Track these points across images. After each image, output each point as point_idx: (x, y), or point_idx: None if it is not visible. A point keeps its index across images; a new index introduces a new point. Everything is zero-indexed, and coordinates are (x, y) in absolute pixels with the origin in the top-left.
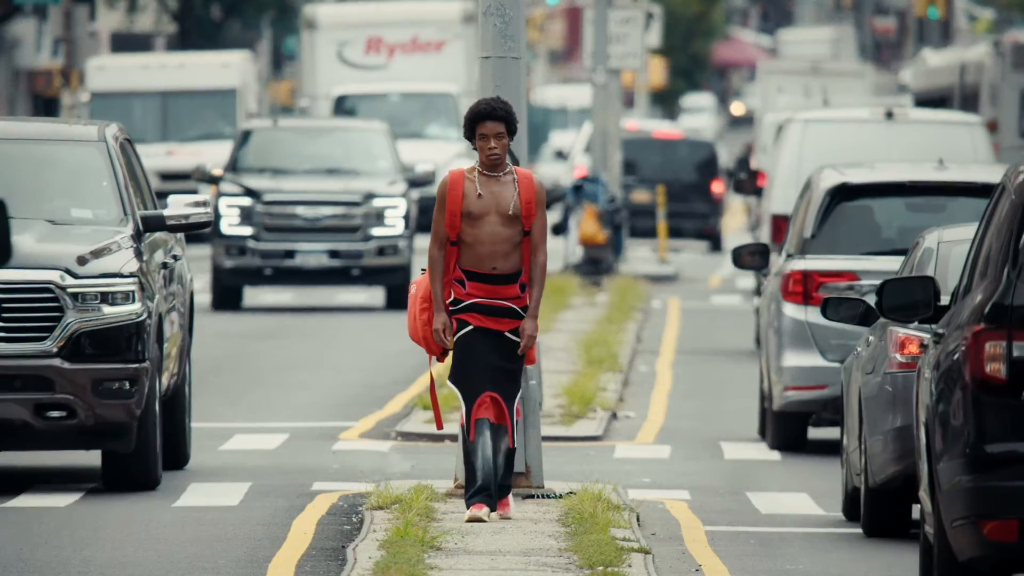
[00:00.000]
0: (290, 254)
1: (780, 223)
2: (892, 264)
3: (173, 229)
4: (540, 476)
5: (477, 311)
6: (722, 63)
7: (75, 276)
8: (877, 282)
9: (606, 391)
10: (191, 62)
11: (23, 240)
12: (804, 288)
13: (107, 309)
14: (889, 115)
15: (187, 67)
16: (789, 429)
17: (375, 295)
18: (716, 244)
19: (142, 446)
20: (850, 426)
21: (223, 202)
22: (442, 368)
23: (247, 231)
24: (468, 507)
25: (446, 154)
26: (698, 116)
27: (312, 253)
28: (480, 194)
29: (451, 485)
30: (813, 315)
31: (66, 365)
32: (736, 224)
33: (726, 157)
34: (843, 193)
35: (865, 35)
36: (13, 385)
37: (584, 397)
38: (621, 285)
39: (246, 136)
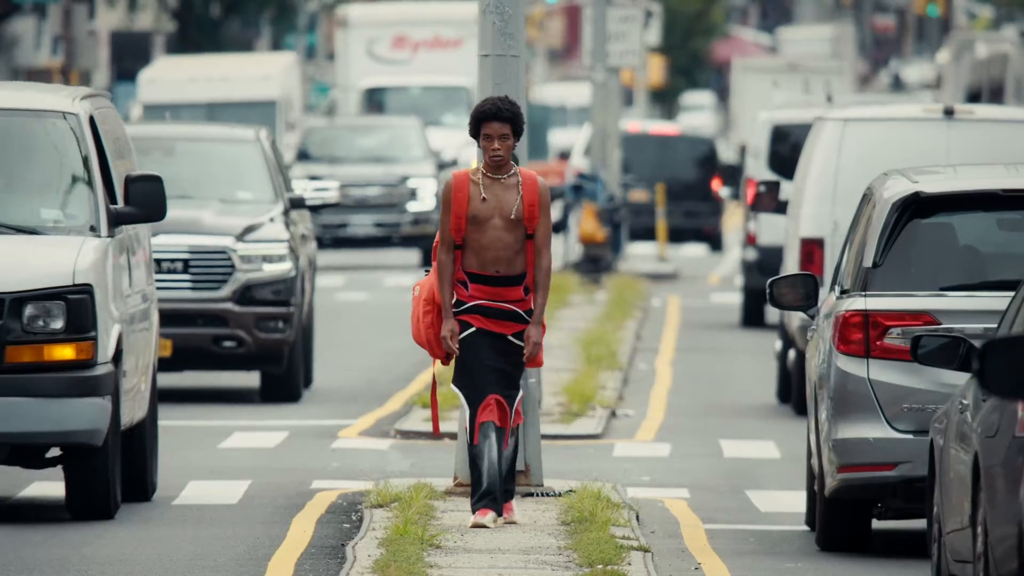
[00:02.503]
0: (343, 225)
1: (812, 249)
2: (985, 303)
3: (312, 208)
4: (539, 474)
5: (480, 313)
6: (722, 61)
7: (243, 241)
8: (963, 326)
9: (605, 389)
10: (235, 73)
11: (204, 215)
12: (865, 335)
13: (266, 267)
14: (948, 112)
15: (231, 79)
16: (846, 521)
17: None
18: (717, 245)
19: (292, 367)
20: (950, 504)
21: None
22: (443, 370)
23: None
24: (473, 512)
25: (459, 140)
26: (697, 114)
27: (361, 225)
28: (484, 197)
29: (450, 483)
30: (878, 371)
31: (236, 308)
32: (736, 222)
33: (731, 155)
34: (916, 207)
35: (865, 33)
36: (197, 322)
37: (583, 395)
38: (620, 283)
39: (310, 132)
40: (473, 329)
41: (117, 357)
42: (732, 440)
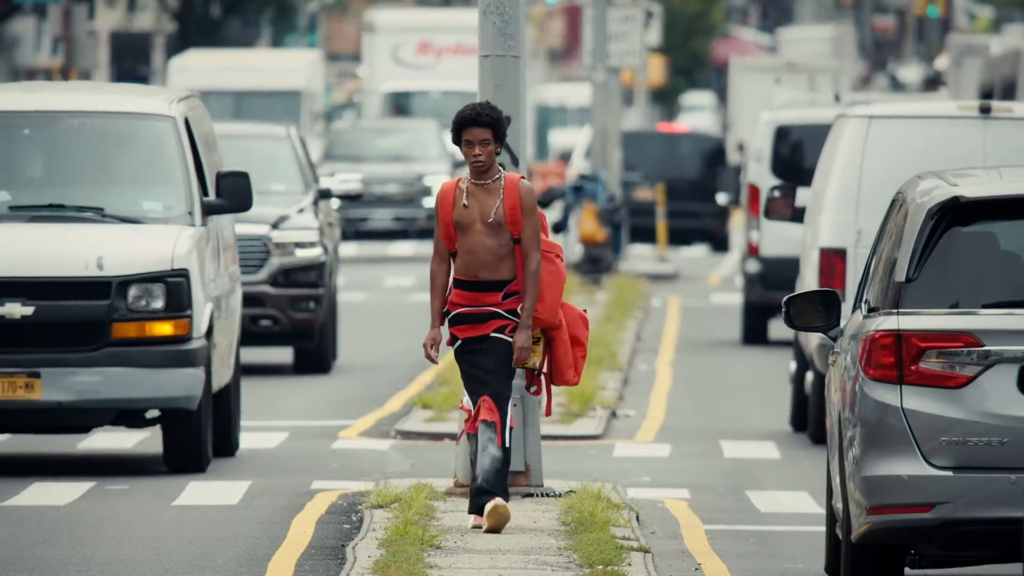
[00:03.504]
0: (365, 219)
1: (833, 260)
2: None
3: (341, 198)
4: (539, 475)
5: (461, 322)
6: (722, 61)
7: (277, 229)
8: (1008, 348)
9: (606, 390)
10: (262, 64)
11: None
12: (897, 358)
13: (299, 252)
14: (985, 110)
15: (259, 69)
16: (875, 571)
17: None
18: (723, 246)
19: (322, 343)
20: None
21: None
22: (443, 370)
23: (335, 203)
24: (470, 513)
25: None
26: (698, 114)
27: (381, 219)
28: (465, 204)
29: (451, 483)
30: (913, 399)
31: (272, 290)
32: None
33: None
34: (955, 213)
35: (865, 33)
36: None
37: (584, 396)
38: (621, 283)
39: (336, 134)
40: (459, 342)
41: (209, 332)
42: (732, 441)
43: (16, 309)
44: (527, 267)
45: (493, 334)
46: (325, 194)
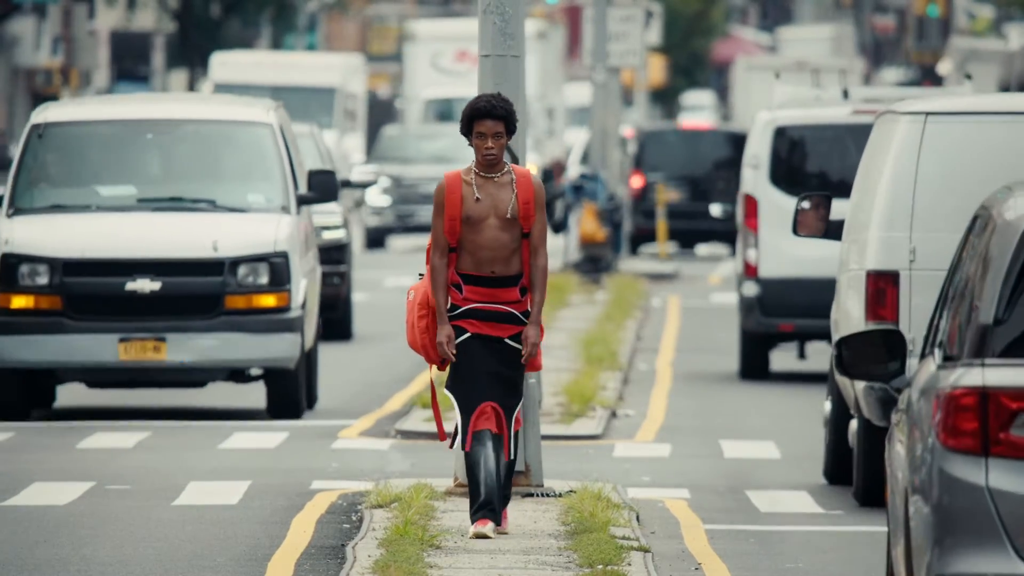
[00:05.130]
0: (411, 215)
1: (883, 286)
2: None
3: (358, 186)
4: (539, 475)
5: (475, 317)
6: (722, 61)
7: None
8: None
9: (606, 390)
10: (299, 62)
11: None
12: (983, 423)
13: (325, 234)
14: None
15: (296, 66)
16: None
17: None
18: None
19: (345, 313)
20: None
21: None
22: (440, 375)
23: (387, 201)
24: (473, 522)
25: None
26: (698, 114)
27: (426, 214)
28: (478, 197)
29: (451, 483)
30: (1003, 476)
31: None
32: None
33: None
34: None
35: (864, 33)
36: None
37: (584, 396)
38: (621, 283)
39: (385, 138)
40: (468, 335)
41: (303, 303)
42: (732, 440)
43: (146, 284)
44: (536, 262)
45: (508, 340)
46: (346, 184)
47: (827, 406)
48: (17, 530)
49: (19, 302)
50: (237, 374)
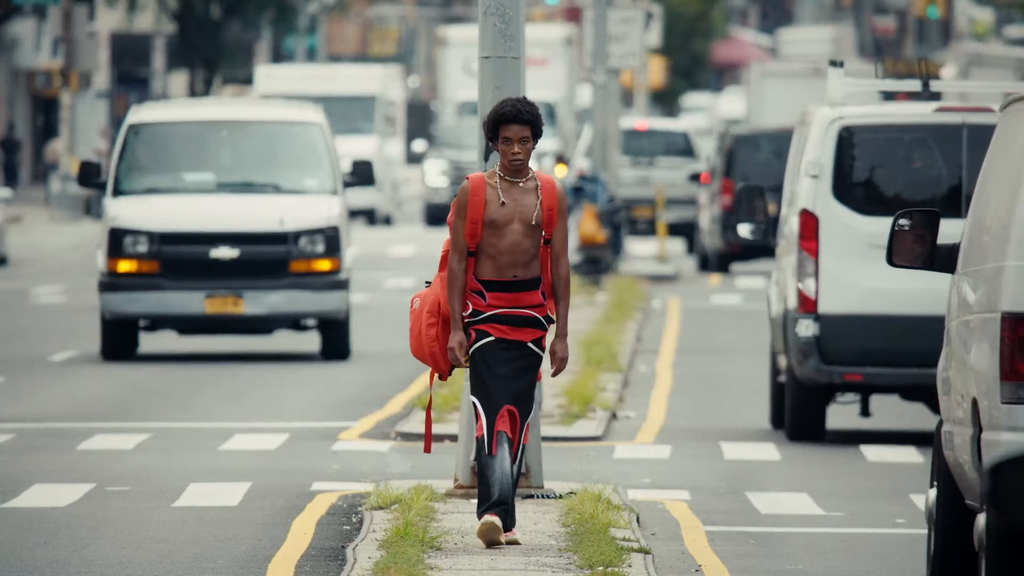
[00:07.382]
0: None
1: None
2: None
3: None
4: (540, 476)
5: (499, 322)
6: (722, 63)
7: None
8: None
9: (606, 391)
10: (341, 73)
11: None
12: None
13: None
14: None
15: (338, 77)
16: None
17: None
18: None
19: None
20: None
21: (429, 166)
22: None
23: (445, 182)
24: (480, 517)
25: (541, 146)
26: (698, 116)
27: None
28: (503, 202)
29: (451, 485)
30: None
31: None
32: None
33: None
34: None
35: (865, 35)
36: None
37: (584, 397)
38: (621, 285)
39: (443, 129)
40: (491, 338)
41: (349, 268)
42: (732, 442)
43: (227, 252)
44: (558, 271)
45: (530, 344)
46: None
47: (931, 495)
48: (17, 532)
49: (124, 266)
50: (296, 324)
